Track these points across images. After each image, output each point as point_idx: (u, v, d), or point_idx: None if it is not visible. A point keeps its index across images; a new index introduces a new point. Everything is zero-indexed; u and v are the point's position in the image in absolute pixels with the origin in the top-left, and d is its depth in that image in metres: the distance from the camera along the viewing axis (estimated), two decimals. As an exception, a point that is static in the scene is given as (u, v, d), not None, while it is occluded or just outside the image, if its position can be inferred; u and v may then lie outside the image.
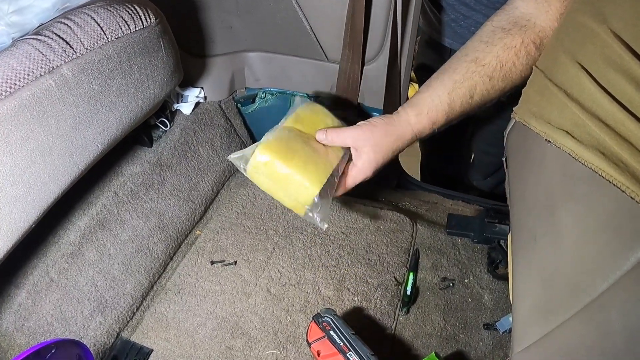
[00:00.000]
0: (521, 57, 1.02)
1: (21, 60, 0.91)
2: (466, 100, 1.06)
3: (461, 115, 1.08)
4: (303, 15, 1.39)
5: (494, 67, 1.03)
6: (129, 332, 1.22)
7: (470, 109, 1.08)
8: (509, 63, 1.03)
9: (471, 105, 1.07)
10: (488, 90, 1.05)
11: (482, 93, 1.05)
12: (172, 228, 1.39)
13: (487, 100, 1.07)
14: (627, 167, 0.65)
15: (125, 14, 1.09)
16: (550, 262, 0.81)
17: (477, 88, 1.05)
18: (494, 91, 1.05)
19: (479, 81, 1.04)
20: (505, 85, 1.05)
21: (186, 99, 1.54)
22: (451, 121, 1.09)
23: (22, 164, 0.92)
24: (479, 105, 1.07)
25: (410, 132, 1.09)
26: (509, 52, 1.02)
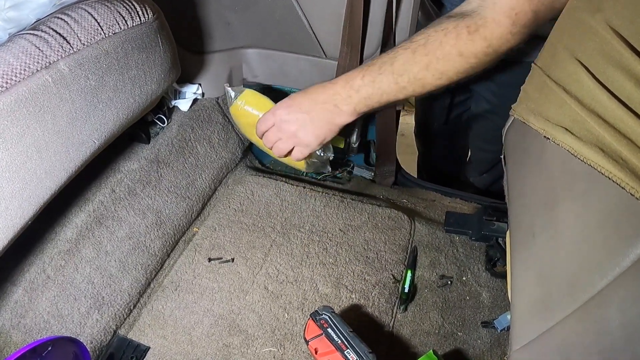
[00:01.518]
0: (449, 38, 1.05)
1: (18, 56, 0.90)
2: (386, 66, 1.12)
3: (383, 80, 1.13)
4: (301, 11, 1.38)
5: (420, 43, 1.08)
6: (126, 329, 1.22)
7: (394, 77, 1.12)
8: (436, 41, 1.06)
9: (393, 73, 1.11)
10: (409, 60, 1.09)
11: (404, 62, 1.10)
12: (169, 225, 1.39)
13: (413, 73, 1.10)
14: (627, 163, 0.65)
15: (123, 9, 1.09)
16: (548, 259, 0.81)
17: (399, 57, 1.10)
18: (415, 63, 1.09)
19: (401, 52, 1.10)
20: (428, 60, 1.07)
21: (184, 96, 1.54)
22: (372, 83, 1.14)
23: (18, 160, 0.92)
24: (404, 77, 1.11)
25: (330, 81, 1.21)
26: (438, 32, 1.06)
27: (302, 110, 1.22)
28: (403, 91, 1.13)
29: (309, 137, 1.24)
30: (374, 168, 1.67)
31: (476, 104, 1.71)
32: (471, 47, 1.04)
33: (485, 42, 1.03)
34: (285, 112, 1.24)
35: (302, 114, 1.22)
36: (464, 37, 1.04)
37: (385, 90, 1.14)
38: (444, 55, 1.06)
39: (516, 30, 1.01)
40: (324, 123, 1.22)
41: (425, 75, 1.09)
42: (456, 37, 1.04)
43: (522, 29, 1.01)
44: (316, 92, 1.21)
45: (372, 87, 1.14)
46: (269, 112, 1.27)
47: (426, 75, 1.09)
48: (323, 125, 1.22)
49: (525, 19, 0.99)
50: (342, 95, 1.17)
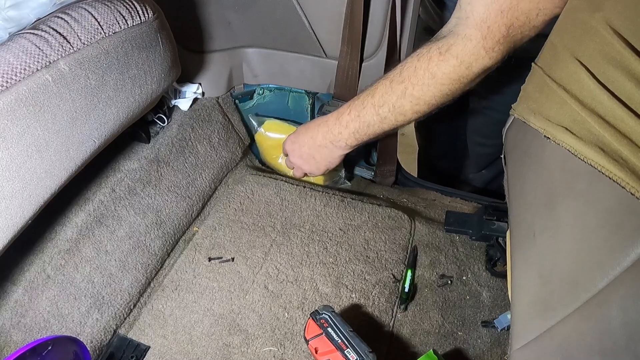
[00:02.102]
0: (422, 62, 1.06)
1: (18, 55, 0.90)
2: (368, 99, 1.18)
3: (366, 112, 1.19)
4: (302, 11, 1.38)
5: (396, 72, 1.12)
6: (126, 328, 1.22)
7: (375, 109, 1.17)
8: (410, 67, 1.09)
9: (374, 105, 1.17)
10: (387, 91, 1.14)
11: (383, 93, 1.14)
12: (169, 224, 1.39)
13: (391, 102, 1.14)
14: (627, 163, 0.65)
15: (123, 8, 1.09)
16: (549, 258, 0.81)
17: (378, 89, 1.16)
18: (393, 92, 1.12)
19: (380, 83, 1.15)
20: (404, 87, 1.10)
21: (184, 95, 1.54)
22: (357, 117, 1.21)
23: (18, 159, 0.92)
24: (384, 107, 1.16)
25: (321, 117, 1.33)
26: (413, 58, 1.09)
27: (304, 148, 1.38)
28: (385, 121, 1.17)
29: (313, 169, 1.41)
30: (375, 168, 1.67)
31: (474, 100, 1.71)
32: (442, 67, 1.04)
33: (456, 60, 1.02)
34: (291, 149, 1.42)
35: (305, 151, 1.38)
36: (435, 59, 1.05)
37: (369, 123, 1.19)
38: (418, 80, 1.08)
39: (489, 45, 0.99)
40: (323, 158, 1.37)
41: (402, 103, 1.12)
42: (428, 60, 1.05)
43: (495, 44, 0.99)
44: (314, 131, 1.34)
45: (358, 122, 1.21)
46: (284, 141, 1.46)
47: (403, 103, 1.12)
48: (323, 160, 1.37)
49: (498, 33, 0.97)
50: (334, 133, 1.28)
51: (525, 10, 0.94)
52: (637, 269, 0.59)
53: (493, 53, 0.99)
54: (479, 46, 0.99)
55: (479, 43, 0.99)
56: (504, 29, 0.96)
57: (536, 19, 0.94)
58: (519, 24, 0.95)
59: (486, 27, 0.97)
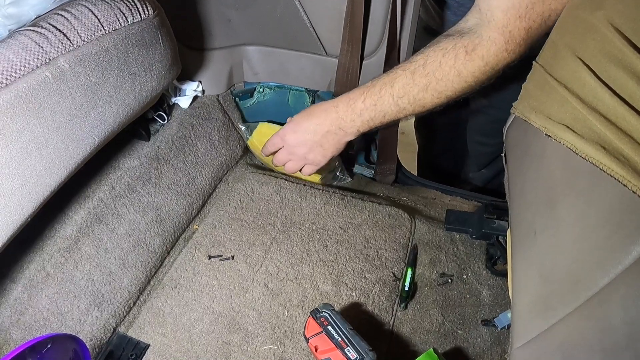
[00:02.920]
0: (448, 58, 1.08)
1: (17, 52, 0.90)
2: (386, 88, 1.17)
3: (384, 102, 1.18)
4: (302, 9, 1.38)
5: (419, 64, 1.12)
6: (126, 327, 1.21)
7: (394, 100, 1.17)
8: (435, 62, 1.10)
9: (393, 95, 1.16)
10: (409, 82, 1.13)
11: (404, 84, 1.14)
12: (169, 222, 1.39)
13: (412, 95, 1.14)
14: (629, 161, 0.65)
15: (123, 6, 1.09)
16: (550, 257, 0.81)
17: (398, 79, 1.14)
18: (415, 85, 1.13)
19: (401, 74, 1.14)
20: (427, 81, 1.11)
21: (184, 93, 1.54)
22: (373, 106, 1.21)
23: (17, 157, 0.91)
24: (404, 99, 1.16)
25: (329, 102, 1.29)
26: (437, 52, 1.10)
27: (309, 135, 1.33)
28: (403, 112, 1.18)
29: (318, 158, 1.37)
30: (375, 166, 1.67)
31: (474, 98, 1.71)
32: (469, 66, 1.07)
33: (482, 61, 1.06)
34: (292, 137, 1.37)
35: (310, 139, 1.34)
36: (461, 57, 1.07)
37: (386, 112, 1.19)
38: (443, 76, 1.09)
39: (511, 48, 1.03)
40: (331, 145, 1.33)
41: (424, 96, 1.13)
42: (454, 58, 1.07)
43: (516, 47, 1.03)
44: (320, 117, 1.30)
45: (374, 110, 1.20)
46: (276, 135, 1.42)
47: (425, 96, 1.13)
48: (331, 147, 1.34)
49: (518, 37, 1.02)
50: (346, 120, 1.25)
51: (540, 13, 0.98)
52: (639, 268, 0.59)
53: (514, 54, 1.04)
54: (502, 49, 1.04)
55: (502, 46, 1.03)
56: (524, 32, 1.01)
57: (549, 19, 0.98)
58: (535, 26, 0.99)
59: (508, 31, 1.01)
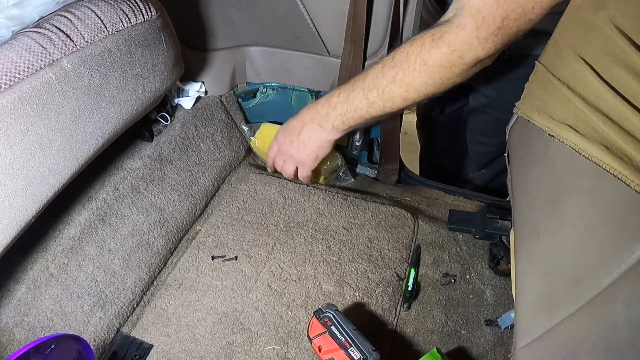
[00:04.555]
0: (414, 48, 1.05)
1: (21, 53, 0.90)
2: (358, 83, 1.17)
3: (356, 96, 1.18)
4: (305, 9, 1.38)
5: (389, 57, 1.11)
6: (129, 327, 1.22)
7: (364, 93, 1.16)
8: (403, 53, 1.07)
9: (364, 89, 1.15)
10: (378, 75, 1.12)
11: (373, 77, 1.13)
12: (172, 223, 1.39)
13: (381, 87, 1.12)
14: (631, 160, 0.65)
15: (126, 7, 1.09)
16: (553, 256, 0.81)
17: (370, 74, 1.15)
18: (384, 77, 1.11)
19: (374, 67, 1.14)
20: (395, 72, 1.09)
21: (187, 94, 1.54)
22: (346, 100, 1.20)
23: (21, 158, 0.92)
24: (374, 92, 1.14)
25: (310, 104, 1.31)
26: (407, 43, 1.08)
27: (295, 132, 1.34)
28: (373, 106, 1.16)
29: (302, 156, 1.37)
30: (378, 166, 1.67)
31: (474, 98, 1.71)
32: (435, 54, 1.03)
33: (448, 47, 1.01)
34: (282, 136, 1.39)
35: (295, 135, 1.34)
36: (427, 45, 1.03)
37: (357, 106, 1.18)
38: (409, 66, 1.07)
39: (482, 35, 0.97)
40: (313, 142, 1.32)
41: (392, 89, 1.11)
42: (420, 46, 1.04)
43: (489, 36, 0.96)
44: (304, 113, 1.32)
45: (345, 104, 1.19)
46: (273, 140, 1.43)
47: (393, 88, 1.11)
48: (313, 144, 1.33)
49: (493, 25, 0.95)
50: (322, 114, 1.26)
51: (522, 3, 0.91)
52: (643, 267, 0.59)
53: (486, 44, 0.97)
54: (472, 35, 0.98)
55: (472, 32, 0.97)
56: (499, 20, 0.94)
57: (532, 11, 0.91)
58: (514, 16, 0.92)
59: (481, 17, 0.95)
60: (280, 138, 1.39)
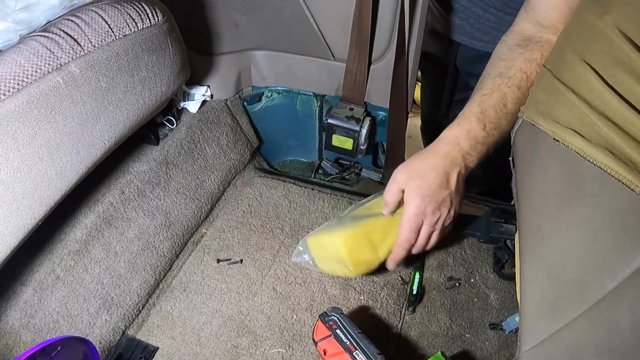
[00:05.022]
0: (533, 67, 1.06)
1: (29, 57, 0.91)
2: (500, 108, 1.08)
3: (502, 123, 1.09)
4: (310, 14, 1.39)
5: (520, 78, 1.07)
6: (135, 329, 1.22)
7: (510, 118, 1.09)
8: (534, 74, 1.06)
9: (508, 113, 1.08)
10: (519, 98, 1.07)
11: (516, 101, 1.07)
12: (178, 226, 1.40)
13: (520, 105, 1.08)
14: (636, 165, 0.66)
15: (133, 11, 1.09)
16: (558, 260, 0.81)
17: (509, 97, 1.07)
18: (523, 97, 1.07)
19: (508, 91, 1.07)
20: (523, 93, 1.08)
21: (193, 97, 1.55)
22: (494, 131, 1.09)
23: (29, 161, 0.92)
24: (516, 113, 1.09)
25: (445, 143, 1.10)
26: (531, 64, 1.06)
27: (440, 189, 1.11)
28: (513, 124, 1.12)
29: (458, 208, 1.17)
30: (383, 170, 1.67)
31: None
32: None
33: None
34: (422, 207, 1.11)
35: (442, 191, 1.11)
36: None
37: (503, 131, 1.11)
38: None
39: None
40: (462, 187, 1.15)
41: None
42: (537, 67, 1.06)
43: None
44: (439, 165, 1.10)
45: (494, 134, 1.10)
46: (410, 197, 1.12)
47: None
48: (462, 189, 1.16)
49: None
50: (472, 154, 1.11)
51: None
52: (647, 271, 0.59)
53: None
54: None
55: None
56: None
57: None
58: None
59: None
60: (420, 206, 1.10)
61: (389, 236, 1.17)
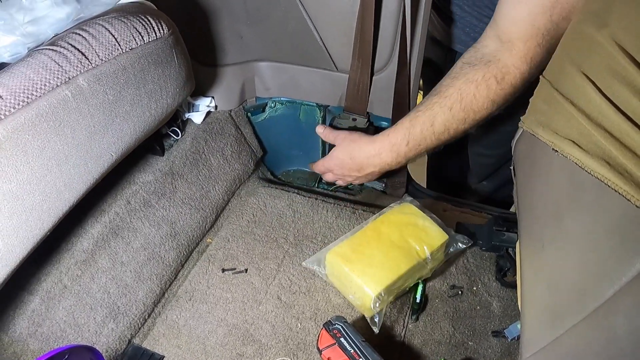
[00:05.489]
0: (481, 90, 1.12)
1: (38, 71, 0.92)
2: (427, 127, 1.19)
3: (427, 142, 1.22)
4: (313, 25, 1.40)
5: (455, 99, 1.14)
6: (141, 338, 1.23)
7: (436, 137, 1.20)
8: (469, 95, 1.13)
9: (434, 133, 1.19)
10: (449, 119, 1.16)
11: (444, 122, 1.17)
12: (183, 236, 1.41)
13: (452, 129, 1.18)
14: (632, 176, 0.67)
15: (139, 25, 1.11)
16: (558, 268, 0.82)
17: (438, 117, 1.17)
18: (455, 121, 1.16)
19: (439, 111, 1.17)
20: (466, 115, 1.15)
21: (197, 108, 1.56)
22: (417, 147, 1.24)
23: (38, 173, 0.93)
24: (444, 134, 1.19)
25: (371, 148, 1.30)
26: (469, 85, 1.12)
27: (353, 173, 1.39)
28: (441, 142, 1.23)
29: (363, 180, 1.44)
30: (385, 179, 1.68)
31: None
32: (502, 94, 1.12)
33: (513, 88, 1.11)
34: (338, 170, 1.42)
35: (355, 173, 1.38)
36: (493, 88, 1.11)
37: (428, 147, 1.23)
38: (479, 107, 1.14)
39: (534, 71, 1.08)
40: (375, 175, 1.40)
41: (462, 127, 1.18)
42: (487, 89, 1.11)
43: (537, 70, 1.07)
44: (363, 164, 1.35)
45: (417, 149, 1.24)
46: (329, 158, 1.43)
47: (464, 126, 1.18)
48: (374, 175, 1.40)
49: (539, 61, 1.07)
50: (392, 164, 1.30)
51: (556, 37, 1.00)
52: (643, 280, 0.60)
53: (536, 74, 1.05)
54: (526, 74, 1.10)
55: (526, 72, 1.09)
56: (545, 55, 1.06)
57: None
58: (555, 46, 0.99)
59: (530, 58, 1.07)
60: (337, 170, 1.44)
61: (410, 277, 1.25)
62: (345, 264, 1.23)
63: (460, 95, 1.14)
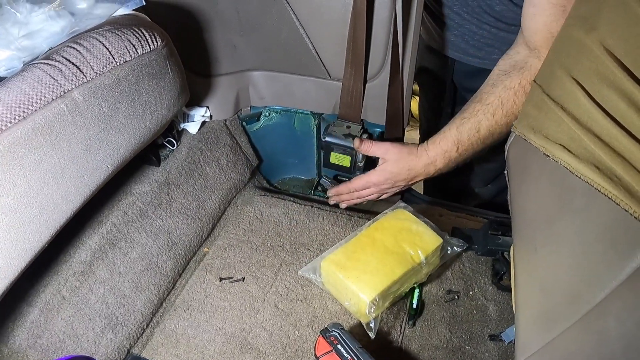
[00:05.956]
0: (519, 96, 1.17)
1: (33, 85, 0.93)
2: (473, 134, 1.24)
3: (474, 147, 1.27)
4: (306, 34, 1.41)
5: (497, 105, 1.19)
6: (139, 348, 1.24)
7: (482, 142, 1.25)
8: (510, 102, 1.18)
9: (480, 138, 1.24)
10: (492, 125, 1.21)
11: (488, 128, 1.22)
12: (180, 246, 1.41)
13: (496, 134, 1.23)
14: (621, 181, 0.67)
15: (133, 37, 1.11)
16: (550, 272, 0.83)
17: (482, 124, 1.22)
18: (498, 126, 1.21)
19: (483, 118, 1.21)
20: (507, 120, 1.20)
21: (192, 119, 1.56)
22: (465, 152, 1.29)
23: (35, 186, 0.94)
24: (489, 138, 1.24)
25: (426, 157, 1.32)
26: (508, 92, 1.17)
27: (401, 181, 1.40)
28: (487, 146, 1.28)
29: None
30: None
31: None
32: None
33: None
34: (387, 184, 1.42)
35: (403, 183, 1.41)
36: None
37: (475, 152, 1.29)
38: (519, 112, 1.16)
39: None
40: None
41: (506, 130, 1.22)
42: (524, 94, 1.16)
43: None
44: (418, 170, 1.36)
45: (465, 155, 1.29)
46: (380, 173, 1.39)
47: (507, 130, 1.21)
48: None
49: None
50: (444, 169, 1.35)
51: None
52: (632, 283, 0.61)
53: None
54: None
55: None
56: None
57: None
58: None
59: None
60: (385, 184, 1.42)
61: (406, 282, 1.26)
62: (340, 271, 1.23)
63: (501, 102, 1.19)
